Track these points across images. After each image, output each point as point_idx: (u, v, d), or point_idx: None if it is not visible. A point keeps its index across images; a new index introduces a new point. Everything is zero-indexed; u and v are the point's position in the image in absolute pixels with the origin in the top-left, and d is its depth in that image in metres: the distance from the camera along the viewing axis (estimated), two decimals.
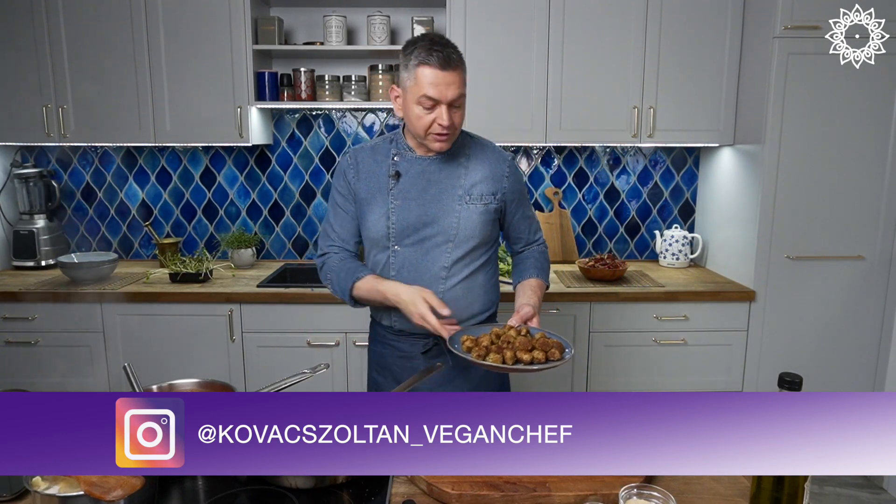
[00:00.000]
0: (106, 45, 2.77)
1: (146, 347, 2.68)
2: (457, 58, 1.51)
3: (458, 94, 1.51)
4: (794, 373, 1.00)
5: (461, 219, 1.62)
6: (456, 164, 1.65)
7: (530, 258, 1.78)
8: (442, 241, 1.63)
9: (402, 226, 1.62)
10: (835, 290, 2.72)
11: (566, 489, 1.11)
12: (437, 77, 1.48)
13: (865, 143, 2.62)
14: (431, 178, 1.63)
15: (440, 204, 1.62)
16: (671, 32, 2.77)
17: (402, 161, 1.64)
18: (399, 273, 1.64)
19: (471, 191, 1.63)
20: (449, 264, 1.63)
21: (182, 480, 1.20)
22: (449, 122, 1.51)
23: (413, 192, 1.62)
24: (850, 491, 2.79)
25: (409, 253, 1.63)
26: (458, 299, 1.65)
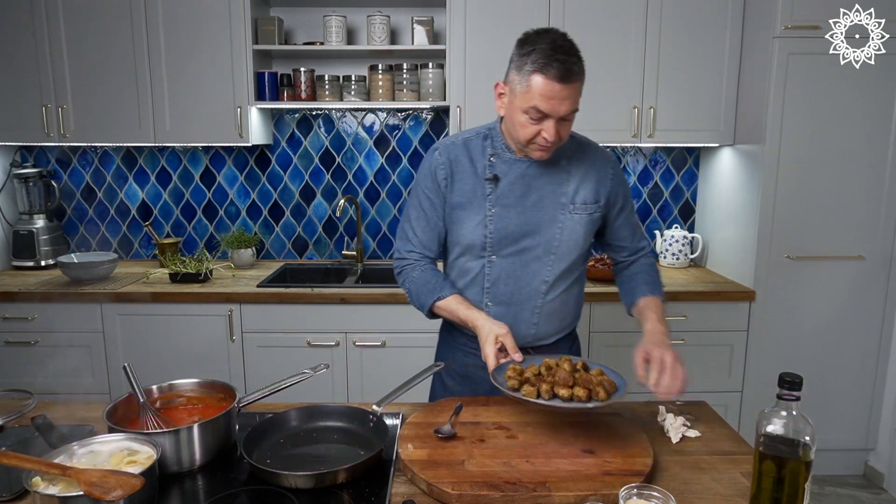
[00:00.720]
0: (106, 45, 2.77)
1: (146, 347, 2.68)
2: (578, 70, 1.34)
3: (570, 109, 1.36)
4: (794, 373, 1.00)
5: (564, 229, 1.50)
6: (558, 168, 1.50)
7: (641, 272, 1.61)
8: (543, 252, 1.51)
9: (501, 235, 1.49)
10: (835, 290, 2.72)
11: (566, 489, 1.11)
12: (553, 90, 1.32)
13: (865, 143, 2.62)
14: (532, 183, 1.49)
15: (542, 212, 1.49)
16: (671, 32, 2.77)
17: (500, 162, 1.50)
18: (495, 285, 1.53)
19: (574, 198, 1.51)
20: (551, 279, 1.53)
21: (182, 480, 1.20)
22: (555, 138, 1.38)
23: (511, 199, 1.49)
24: (850, 491, 2.79)
25: (506, 264, 1.52)
26: (554, 314, 1.57)
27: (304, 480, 1.14)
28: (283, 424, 1.35)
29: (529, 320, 1.55)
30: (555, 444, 1.28)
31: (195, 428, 1.20)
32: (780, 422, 1.00)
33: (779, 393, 1.00)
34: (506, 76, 1.43)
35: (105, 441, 1.17)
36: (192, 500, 1.16)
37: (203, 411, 1.36)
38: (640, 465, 1.19)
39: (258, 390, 1.38)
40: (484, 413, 1.43)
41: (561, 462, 1.21)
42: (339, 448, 1.29)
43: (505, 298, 1.54)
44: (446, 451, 1.25)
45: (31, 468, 1.04)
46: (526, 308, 1.55)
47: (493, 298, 1.55)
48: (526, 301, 1.53)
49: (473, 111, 2.82)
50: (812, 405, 2.74)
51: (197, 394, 1.40)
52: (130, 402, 1.32)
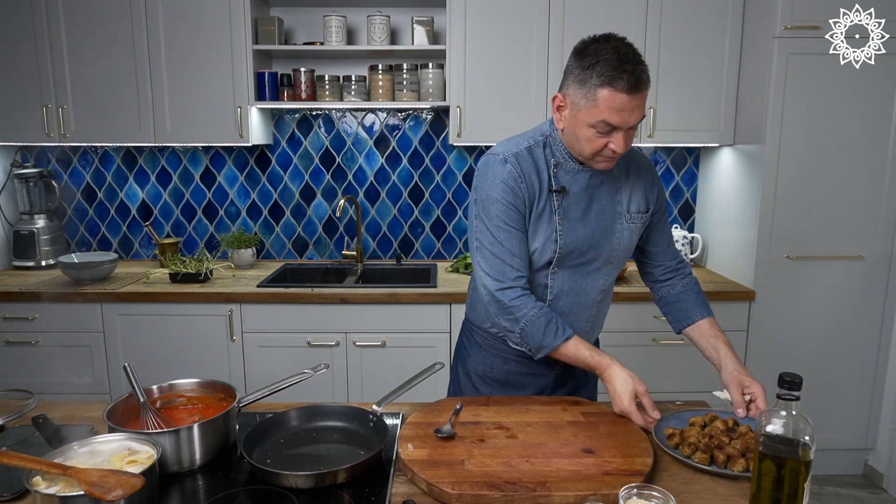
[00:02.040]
0: (106, 45, 2.77)
1: (146, 347, 2.68)
2: (646, 78, 1.30)
3: (640, 118, 1.32)
4: (794, 373, 1.00)
5: (622, 239, 1.48)
6: (613, 177, 1.47)
7: (689, 292, 1.61)
8: (603, 263, 1.50)
9: (569, 249, 1.45)
10: (835, 290, 2.72)
11: (566, 489, 1.11)
12: (623, 102, 1.27)
13: (865, 143, 2.62)
14: (594, 193, 1.45)
15: (603, 224, 1.46)
16: (671, 33, 2.77)
17: (563, 173, 1.44)
18: (557, 297, 1.50)
19: (629, 207, 1.48)
20: (607, 287, 1.53)
21: (182, 480, 1.20)
22: (624, 149, 1.33)
23: (577, 211, 1.44)
24: (850, 491, 2.79)
25: (568, 276, 1.49)
26: (601, 316, 1.59)
27: (304, 480, 1.14)
28: (283, 424, 1.35)
29: (584, 329, 1.55)
30: (555, 444, 1.28)
31: (195, 428, 1.20)
32: (780, 422, 1.00)
33: (779, 393, 1.00)
34: (563, 87, 1.37)
35: (105, 441, 1.17)
36: (192, 500, 1.16)
37: (203, 411, 1.36)
38: (640, 465, 1.19)
39: (258, 390, 1.38)
40: (484, 413, 1.43)
41: (561, 462, 1.21)
42: (339, 448, 1.29)
43: (564, 310, 1.51)
44: (446, 451, 1.25)
45: (32, 468, 1.04)
46: (582, 318, 1.54)
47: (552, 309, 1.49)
48: (583, 311, 1.53)
49: (473, 111, 2.82)
50: (812, 405, 2.74)
51: (197, 394, 1.40)
52: (130, 402, 1.32)
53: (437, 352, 2.68)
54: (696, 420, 1.35)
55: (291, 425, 1.36)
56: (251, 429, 1.28)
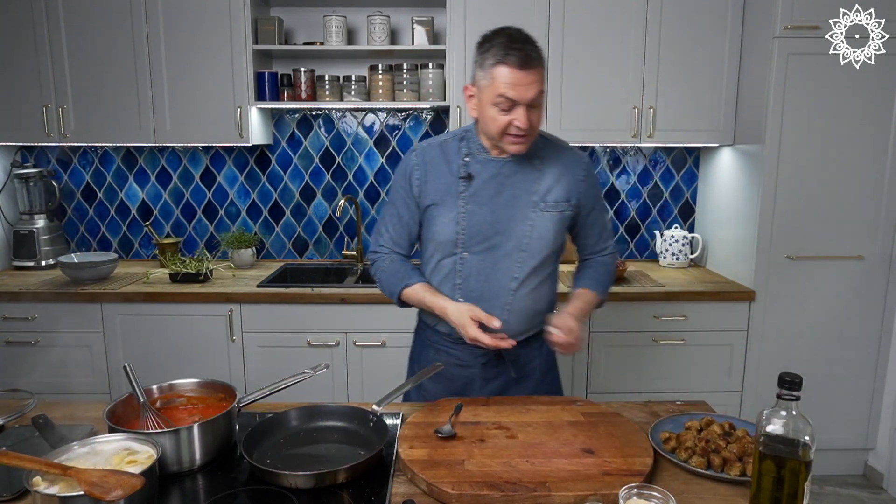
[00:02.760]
0: (106, 45, 2.77)
1: (146, 347, 2.68)
2: (536, 56, 1.42)
3: (536, 93, 1.42)
4: (794, 373, 1.00)
5: (535, 227, 1.54)
6: (530, 168, 1.55)
7: (589, 267, 1.70)
8: (513, 249, 1.54)
9: (473, 232, 1.54)
10: (835, 290, 2.72)
11: (566, 489, 1.11)
12: (516, 77, 1.39)
13: (865, 143, 2.62)
14: (505, 181, 1.54)
15: (513, 210, 1.53)
16: (671, 32, 2.77)
17: (474, 162, 1.55)
18: (467, 281, 1.57)
19: (546, 196, 1.55)
20: (521, 276, 1.56)
21: (182, 480, 1.20)
22: (527, 124, 1.43)
23: (485, 197, 1.53)
24: (850, 491, 2.79)
25: (478, 261, 1.55)
26: (525, 310, 1.59)
27: (304, 480, 1.14)
28: (283, 424, 1.35)
29: (500, 316, 1.55)
30: (555, 444, 1.28)
31: (195, 428, 1.21)
32: (780, 422, 1.00)
33: (779, 393, 1.00)
34: (472, 79, 1.51)
35: (105, 441, 1.17)
36: (192, 500, 1.16)
37: (203, 411, 1.37)
38: (640, 465, 1.19)
39: (258, 390, 1.38)
40: (484, 413, 1.43)
41: (561, 462, 1.21)
42: (339, 448, 1.29)
43: (476, 295, 1.57)
44: (446, 451, 1.25)
45: (32, 468, 1.04)
46: (496, 304, 1.56)
47: (464, 294, 1.58)
48: (496, 297, 1.56)
49: None
50: (812, 405, 2.74)
51: (197, 394, 1.40)
52: (130, 402, 1.32)
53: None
54: (693, 424, 1.35)
55: (291, 425, 1.36)
56: (251, 429, 1.28)
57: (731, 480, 1.19)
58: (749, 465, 1.19)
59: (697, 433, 1.32)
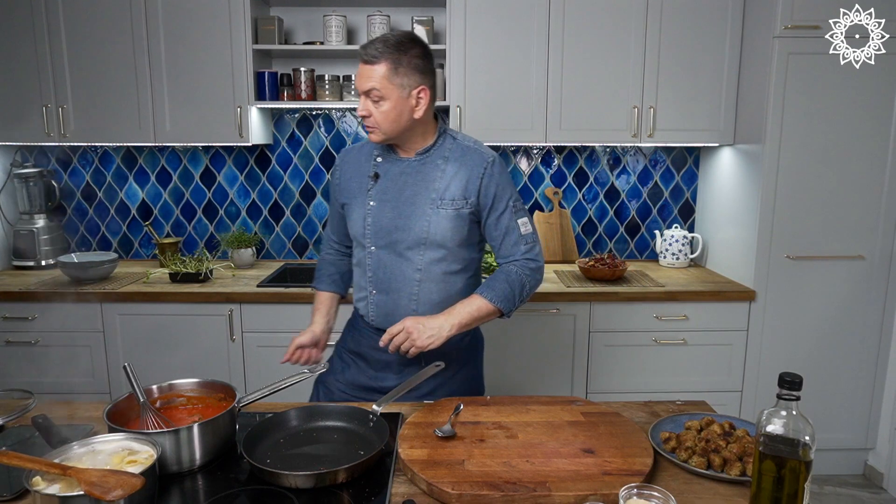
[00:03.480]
0: (106, 45, 2.77)
1: (146, 347, 2.68)
2: (376, 54, 1.52)
3: (369, 87, 1.53)
4: (794, 373, 1.00)
5: (431, 223, 1.61)
6: (433, 167, 1.64)
7: (496, 275, 1.65)
8: (413, 244, 1.62)
9: (377, 227, 1.64)
10: (835, 290, 2.72)
11: (566, 489, 1.11)
12: (362, 69, 1.54)
13: (865, 143, 2.62)
14: (408, 180, 1.64)
15: (414, 207, 1.62)
16: (671, 32, 2.77)
17: (384, 162, 1.67)
18: (375, 274, 1.67)
19: (443, 195, 1.61)
20: (423, 269, 1.63)
21: (182, 480, 1.20)
22: (363, 112, 1.56)
23: (390, 194, 1.64)
24: (850, 491, 2.79)
25: (383, 255, 1.66)
26: (432, 302, 1.64)
27: (304, 480, 1.14)
28: (283, 424, 1.35)
29: (408, 306, 1.66)
30: (555, 444, 1.28)
31: (195, 428, 1.20)
32: (780, 421, 1.00)
33: (779, 393, 1.00)
34: None
35: (105, 441, 1.17)
36: (192, 500, 1.16)
37: (203, 411, 1.37)
38: (640, 465, 1.19)
39: (258, 390, 1.38)
40: (484, 413, 1.43)
41: (561, 462, 1.21)
42: (339, 448, 1.29)
43: (384, 287, 1.67)
44: (446, 451, 1.25)
45: (31, 468, 1.04)
46: (403, 295, 1.66)
47: (375, 286, 1.69)
48: (402, 289, 1.65)
49: (473, 111, 2.82)
50: (812, 405, 2.74)
51: (197, 394, 1.40)
52: (130, 402, 1.32)
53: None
54: (693, 424, 1.35)
55: (291, 425, 1.36)
56: (251, 429, 1.28)
57: (731, 480, 1.19)
58: (749, 465, 1.19)
59: (697, 433, 1.32)
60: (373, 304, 1.70)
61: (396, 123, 1.57)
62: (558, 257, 3.21)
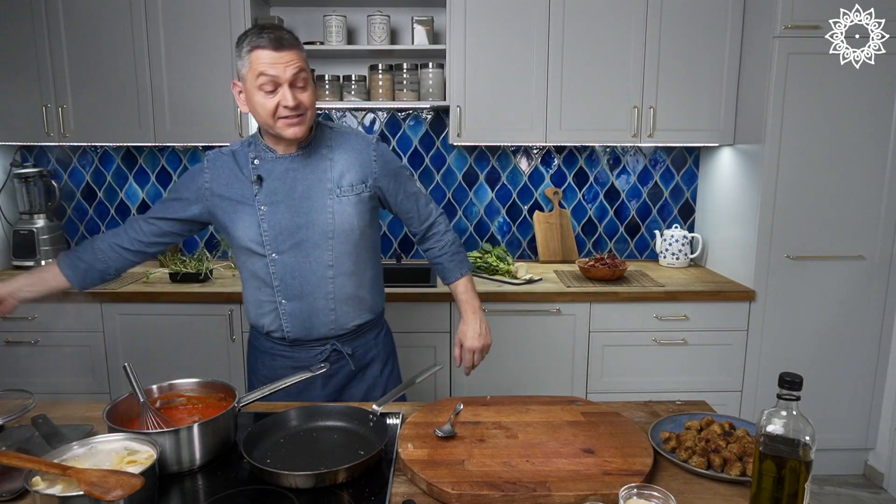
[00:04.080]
0: (106, 45, 2.76)
1: (146, 347, 2.67)
2: (290, 38, 1.46)
3: (296, 70, 1.44)
4: (794, 373, 1.00)
5: (335, 213, 1.55)
6: (320, 158, 1.57)
7: (443, 255, 1.72)
8: (321, 239, 1.56)
9: (276, 231, 1.55)
10: (835, 290, 2.72)
11: (566, 489, 1.11)
12: (272, 57, 1.43)
13: (865, 143, 2.62)
14: (297, 175, 1.55)
15: (311, 202, 1.55)
16: (671, 32, 2.77)
17: (263, 163, 1.56)
18: (283, 282, 1.57)
19: (340, 182, 1.56)
20: (335, 263, 1.57)
21: (182, 480, 1.20)
22: (294, 102, 1.44)
23: (280, 195, 1.55)
24: (850, 490, 2.79)
25: (288, 259, 1.56)
26: (349, 297, 1.60)
27: (304, 480, 1.14)
28: (283, 424, 1.35)
29: (326, 307, 1.59)
30: (555, 444, 1.28)
31: (195, 428, 1.20)
32: (780, 422, 1.00)
33: (779, 393, 1.00)
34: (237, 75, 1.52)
35: (105, 441, 1.17)
36: (192, 500, 1.16)
37: (203, 411, 1.37)
38: (640, 465, 1.19)
39: (258, 390, 1.38)
40: (484, 413, 1.43)
41: (561, 462, 1.21)
42: (339, 448, 1.29)
43: (296, 293, 1.58)
44: (446, 451, 1.25)
45: (31, 468, 1.04)
46: (319, 297, 1.58)
47: (284, 295, 1.58)
48: (317, 289, 1.57)
49: (473, 111, 2.82)
50: (812, 405, 2.74)
51: (197, 394, 1.40)
52: (130, 402, 1.32)
53: (437, 352, 2.68)
54: (693, 424, 1.35)
55: (291, 425, 1.36)
56: (251, 429, 1.28)
57: (731, 480, 1.18)
58: (749, 465, 1.19)
59: (697, 433, 1.32)
60: (285, 314, 1.60)
61: (314, 109, 1.52)
62: (558, 257, 3.21)
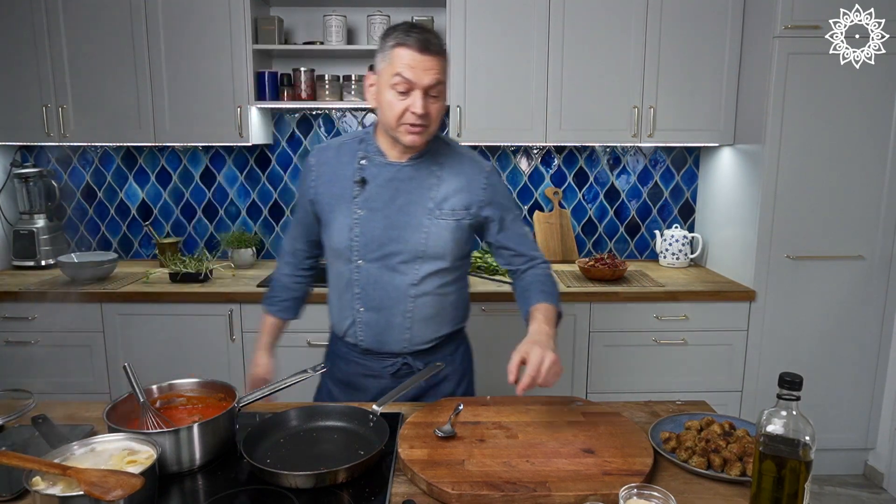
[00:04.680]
0: (106, 45, 2.77)
1: (146, 347, 2.67)
2: (437, 44, 1.39)
3: (434, 80, 1.39)
4: (794, 373, 1.00)
5: (430, 235, 1.49)
6: (428, 173, 1.50)
7: (535, 283, 1.59)
8: (409, 258, 1.50)
9: (367, 239, 1.49)
10: (835, 290, 2.72)
11: (566, 489, 1.11)
12: (414, 59, 1.36)
13: (865, 143, 2.62)
14: (400, 186, 1.49)
15: (408, 217, 1.49)
16: (671, 32, 2.77)
17: (370, 165, 1.50)
18: (365, 290, 1.53)
19: (442, 204, 1.50)
20: (419, 283, 1.52)
21: (182, 480, 1.20)
22: (423, 111, 1.38)
23: (379, 202, 1.49)
24: (850, 490, 2.79)
25: (374, 269, 1.51)
26: (428, 318, 1.56)
27: (304, 480, 1.14)
28: (283, 424, 1.35)
29: (402, 325, 1.54)
30: (555, 444, 1.28)
31: (195, 428, 1.20)
32: (780, 422, 1.00)
33: (779, 393, 1.00)
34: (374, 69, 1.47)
35: (105, 441, 1.17)
36: (192, 500, 1.16)
37: (203, 411, 1.36)
38: (640, 465, 1.19)
39: (258, 390, 1.38)
40: (484, 413, 1.43)
41: (561, 462, 1.21)
42: (339, 448, 1.29)
43: (375, 304, 1.54)
44: (446, 451, 1.25)
45: (31, 468, 1.04)
46: (396, 313, 1.54)
47: (364, 304, 1.55)
48: (395, 305, 1.53)
49: (473, 111, 2.82)
50: (812, 405, 2.74)
51: (197, 394, 1.40)
52: (130, 402, 1.32)
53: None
54: (693, 424, 1.35)
55: (291, 425, 1.36)
56: (251, 429, 1.28)
57: (731, 480, 1.18)
58: (749, 465, 1.19)
59: (697, 433, 1.32)
60: (361, 324, 1.56)
61: (438, 123, 1.45)
62: (558, 257, 3.21)
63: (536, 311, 1.50)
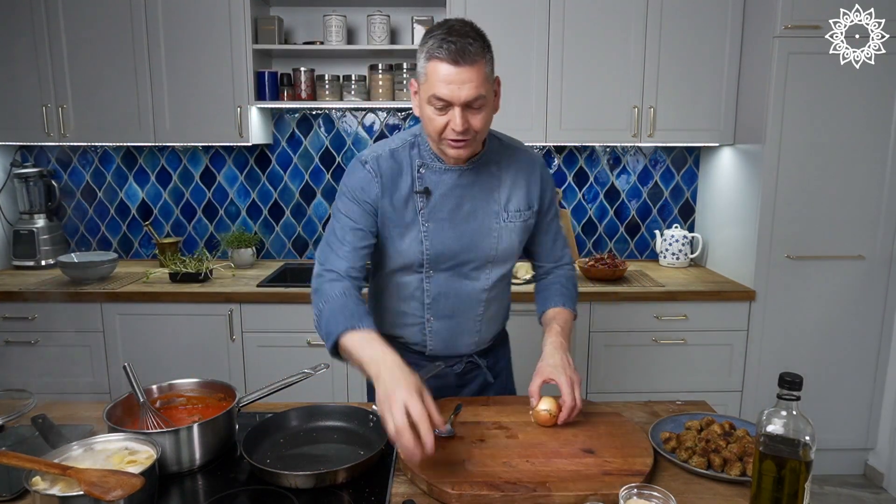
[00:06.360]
0: (106, 44, 2.77)
1: (146, 347, 2.67)
2: (474, 50, 1.24)
3: (473, 94, 1.25)
4: (794, 373, 1.00)
5: (500, 239, 1.45)
6: (489, 175, 1.43)
7: (556, 284, 1.58)
8: (482, 264, 1.47)
9: (437, 251, 1.43)
10: (835, 290, 2.72)
11: (566, 489, 1.11)
12: (450, 74, 1.24)
13: (865, 143, 2.62)
14: (464, 193, 1.42)
15: (476, 223, 1.43)
16: (671, 32, 2.77)
17: (429, 173, 1.41)
18: (436, 300, 1.48)
19: (507, 206, 1.45)
20: (490, 288, 1.50)
21: (182, 480, 1.20)
22: (463, 127, 1.27)
23: (445, 211, 1.41)
24: (850, 490, 2.79)
25: (445, 278, 1.46)
26: (493, 318, 1.56)
27: (304, 480, 1.14)
28: (283, 424, 1.35)
29: (472, 329, 1.54)
30: (555, 444, 1.28)
31: (195, 428, 1.20)
32: (780, 422, 1.00)
33: (779, 393, 1.00)
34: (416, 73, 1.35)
35: (105, 441, 1.17)
36: (192, 500, 1.16)
37: (203, 411, 1.36)
38: (640, 465, 1.19)
39: (258, 390, 1.38)
40: (484, 413, 1.43)
41: (561, 462, 1.21)
42: (339, 448, 1.29)
43: (447, 312, 1.50)
44: (446, 451, 1.25)
45: (31, 468, 1.04)
46: (469, 318, 1.52)
47: (434, 313, 1.50)
48: (467, 311, 1.51)
49: None
50: (812, 405, 2.74)
51: (197, 394, 1.40)
52: (130, 402, 1.32)
53: None
54: (693, 424, 1.35)
55: (291, 425, 1.36)
56: (251, 429, 1.28)
57: (731, 480, 1.18)
58: (749, 465, 1.19)
59: (697, 433, 1.32)
60: (431, 332, 1.51)
61: (487, 130, 1.35)
62: None
63: (553, 319, 1.50)
